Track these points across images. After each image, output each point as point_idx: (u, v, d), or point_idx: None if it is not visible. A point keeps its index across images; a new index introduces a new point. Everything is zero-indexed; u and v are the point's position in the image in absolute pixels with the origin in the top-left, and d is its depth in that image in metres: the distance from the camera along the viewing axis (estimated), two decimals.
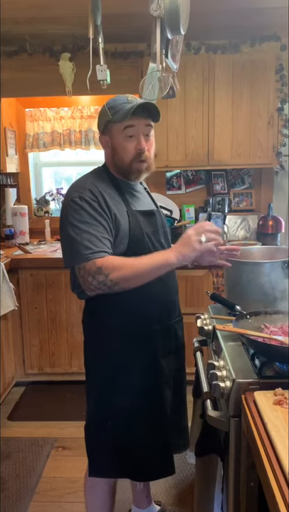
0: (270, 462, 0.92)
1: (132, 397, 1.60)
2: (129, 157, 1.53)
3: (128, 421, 1.61)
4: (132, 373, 1.59)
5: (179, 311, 1.76)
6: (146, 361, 1.60)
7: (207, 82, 3.12)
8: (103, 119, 1.56)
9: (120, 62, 3.16)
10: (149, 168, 1.58)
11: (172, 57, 2.02)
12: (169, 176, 3.59)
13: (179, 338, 1.75)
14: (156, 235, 1.61)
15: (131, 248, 1.52)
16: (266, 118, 3.15)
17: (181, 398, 1.78)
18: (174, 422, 1.73)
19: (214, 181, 3.55)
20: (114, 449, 1.64)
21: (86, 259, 1.42)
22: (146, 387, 1.61)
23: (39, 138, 3.65)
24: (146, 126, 1.53)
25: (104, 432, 1.64)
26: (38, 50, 3.16)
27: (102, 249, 1.43)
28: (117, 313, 1.57)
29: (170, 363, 1.68)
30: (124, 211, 1.54)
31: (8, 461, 2.48)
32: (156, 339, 1.62)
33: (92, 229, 1.44)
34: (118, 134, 1.52)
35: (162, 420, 1.65)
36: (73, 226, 1.46)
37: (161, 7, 1.80)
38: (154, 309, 1.60)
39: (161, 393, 1.64)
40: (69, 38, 3.05)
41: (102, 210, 1.47)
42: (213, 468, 1.42)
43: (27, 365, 3.24)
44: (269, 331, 1.41)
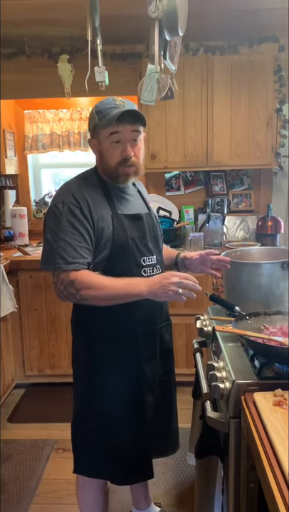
0: (270, 463, 0.92)
1: (112, 399, 1.60)
2: (115, 162, 1.53)
3: (107, 423, 1.62)
4: (113, 376, 1.60)
5: (167, 316, 1.76)
6: (127, 365, 1.61)
7: (206, 84, 3.13)
8: (91, 122, 1.57)
9: (119, 64, 3.17)
10: (137, 172, 1.57)
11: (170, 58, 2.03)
12: (168, 177, 3.59)
13: (166, 343, 1.74)
14: (142, 240, 1.60)
15: (115, 252, 1.52)
16: (265, 119, 3.15)
17: (170, 402, 1.79)
18: (162, 426, 1.74)
19: (213, 182, 3.55)
20: (94, 451, 1.66)
21: (58, 269, 1.46)
22: (127, 391, 1.61)
23: (38, 139, 3.65)
24: (132, 132, 1.52)
25: (86, 432, 1.66)
26: (37, 52, 3.17)
27: (76, 260, 1.45)
28: (99, 315, 1.57)
29: (155, 368, 1.68)
30: (108, 215, 1.53)
31: (8, 463, 2.48)
32: (138, 343, 1.61)
33: (69, 237, 1.46)
34: (105, 139, 1.53)
35: (141, 424, 1.65)
36: (52, 232, 1.49)
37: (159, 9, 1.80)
38: (137, 313, 1.59)
39: (141, 397, 1.63)
40: (67, 40, 3.06)
41: (84, 217, 1.48)
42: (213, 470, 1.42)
43: (27, 366, 3.24)
44: (268, 331, 1.41)
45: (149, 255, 1.60)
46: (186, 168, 3.41)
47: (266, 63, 3.09)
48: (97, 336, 1.61)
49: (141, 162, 1.58)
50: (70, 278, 1.44)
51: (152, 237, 1.64)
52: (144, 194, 1.76)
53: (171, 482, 2.28)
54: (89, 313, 1.60)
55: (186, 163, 3.26)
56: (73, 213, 1.48)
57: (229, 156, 3.22)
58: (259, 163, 3.25)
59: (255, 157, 3.21)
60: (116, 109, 1.49)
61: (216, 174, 3.55)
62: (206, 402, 1.38)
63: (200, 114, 3.17)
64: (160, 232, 1.72)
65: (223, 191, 3.56)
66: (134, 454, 1.66)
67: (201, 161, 3.23)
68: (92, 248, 1.50)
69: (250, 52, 3.13)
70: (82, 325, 1.67)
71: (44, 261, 1.52)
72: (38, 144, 3.65)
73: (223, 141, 3.20)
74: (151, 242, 1.63)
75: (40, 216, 3.81)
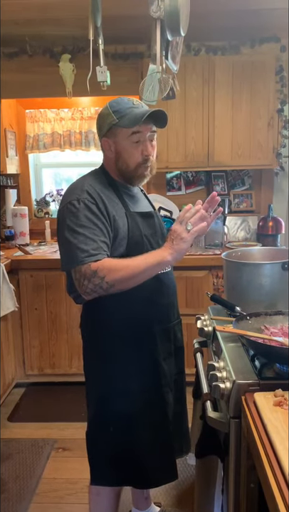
0: (270, 463, 0.92)
1: (133, 401, 1.58)
2: (135, 162, 1.53)
3: (130, 426, 1.59)
4: (133, 377, 1.58)
5: (178, 313, 1.76)
6: (147, 364, 1.60)
7: (207, 84, 3.13)
8: (106, 121, 1.54)
9: (120, 64, 3.17)
10: (151, 172, 1.59)
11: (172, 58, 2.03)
12: (169, 177, 3.59)
13: (178, 341, 1.74)
14: (154, 237, 1.61)
15: (130, 250, 1.52)
16: (266, 119, 3.15)
17: (182, 402, 1.78)
18: (176, 426, 1.72)
19: (214, 182, 3.55)
20: (116, 457, 1.62)
21: (81, 263, 1.42)
22: (148, 391, 1.60)
23: (39, 139, 3.65)
24: (151, 132, 1.54)
25: (106, 439, 1.62)
26: (39, 52, 3.17)
27: (98, 251, 1.43)
28: (116, 315, 1.55)
29: (171, 366, 1.67)
30: (122, 213, 1.54)
31: (8, 462, 2.48)
32: (156, 341, 1.61)
33: (89, 232, 1.44)
34: (124, 139, 1.52)
35: (165, 425, 1.64)
36: (70, 229, 1.46)
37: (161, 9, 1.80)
38: (153, 311, 1.60)
39: (163, 397, 1.63)
40: (69, 40, 3.06)
41: (100, 213, 1.47)
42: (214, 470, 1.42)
43: (27, 366, 3.24)
44: (269, 332, 1.41)
45: None
46: (187, 168, 3.41)
47: (267, 63, 3.09)
48: (113, 337, 1.58)
49: (155, 162, 1.60)
50: (92, 268, 1.41)
51: (161, 235, 1.66)
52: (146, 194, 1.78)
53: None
54: (104, 313, 1.57)
55: (187, 163, 3.26)
56: (90, 209, 1.46)
57: (230, 156, 3.22)
58: (260, 163, 3.25)
59: (257, 157, 3.21)
60: (137, 109, 1.50)
61: (217, 174, 3.55)
62: (206, 402, 1.38)
63: (201, 114, 3.17)
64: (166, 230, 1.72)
65: (224, 191, 3.56)
66: (158, 455, 1.64)
67: (202, 161, 3.23)
68: (110, 243, 1.49)
69: (251, 53, 3.13)
70: (96, 326, 1.63)
71: (66, 260, 1.49)
72: (39, 143, 3.65)
73: (225, 141, 3.20)
74: (161, 239, 1.63)
75: (40, 215, 3.81)
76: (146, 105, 1.58)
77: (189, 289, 3.06)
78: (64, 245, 1.49)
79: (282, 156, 3.21)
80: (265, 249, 2.08)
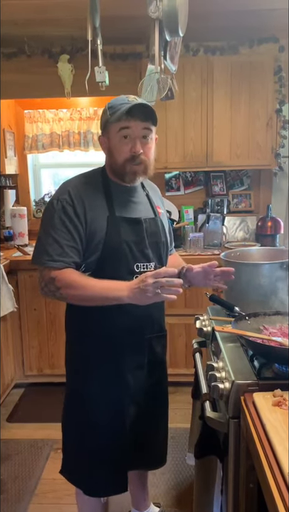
0: (269, 464, 0.92)
1: (91, 406, 1.59)
2: (123, 158, 1.49)
3: (86, 430, 1.60)
4: (94, 382, 1.58)
5: (161, 327, 1.70)
6: (110, 372, 1.57)
7: (206, 84, 3.13)
8: (103, 119, 1.55)
9: (119, 64, 3.17)
10: (146, 171, 1.53)
11: (171, 58, 2.03)
12: (167, 178, 3.59)
13: (156, 354, 1.68)
14: (139, 245, 1.53)
15: (106, 255, 1.48)
16: (265, 119, 3.16)
17: (157, 415, 1.74)
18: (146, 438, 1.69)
19: (213, 182, 3.56)
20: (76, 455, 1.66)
21: (43, 265, 1.45)
22: (107, 399, 1.57)
23: (38, 139, 3.65)
24: (143, 129, 1.49)
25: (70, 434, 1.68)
26: (37, 52, 3.17)
27: (61, 258, 1.43)
28: (88, 319, 1.56)
29: (140, 379, 1.63)
30: (104, 217, 1.49)
31: (7, 463, 2.48)
32: (123, 352, 1.57)
33: (58, 235, 1.44)
34: (114, 135, 1.50)
35: (119, 435, 1.60)
36: (43, 228, 1.49)
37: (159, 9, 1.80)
38: (123, 321, 1.54)
39: (121, 407, 1.59)
40: (68, 40, 3.06)
41: (76, 216, 1.46)
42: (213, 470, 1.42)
43: (26, 366, 3.24)
44: (268, 332, 1.42)
45: (144, 262, 1.54)
46: (185, 169, 3.41)
47: (266, 64, 3.09)
48: (84, 340, 1.60)
49: (150, 162, 1.54)
50: (51, 275, 1.42)
51: (152, 244, 1.58)
52: (152, 199, 1.69)
53: (171, 482, 2.28)
54: (79, 315, 1.58)
55: (185, 164, 3.26)
56: (65, 211, 1.46)
57: (229, 157, 3.22)
58: (259, 163, 3.25)
59: (255, 157, 3.21)
60: (128, 104, 1.46)
61: (216, 174, 3.55)
62: (205, 402, 1.38)
63: (200, 114, 3.17)
64: (165, 239, 1.65)
65: (223, 191, 3.56)
66: (109, 465, 1.61)
67: (201, 161, 3.23)
68: (82, 248, 1.47)
69: (250, 53, 3.13)
70: (71, 326, 1.66)
71: (33, 256, 1.51)
72: (37, 143, 3.65)
73: (223, 142, 3.20)
74: (150, 248, 1.56)
75: (39, 216, 3.81)
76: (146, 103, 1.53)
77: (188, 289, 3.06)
78: (36, 241, 1.52)
79: (281, 156, 3.21)
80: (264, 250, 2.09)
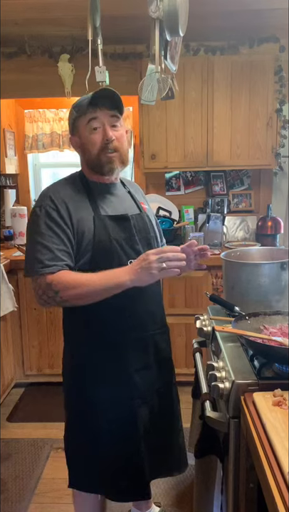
0: (269, 463, 0.92)
1: (101, 412, 1.54)
2: (97, 149, 1.48)
3: (99, 437, 1.56)
4: (102, 387, 1.54)
5: (163, 323, 1.68)
6: (117, 375, 1.54)
7: (206, 84, 3.13)
8: (70, 118, 1.54)
9: (119, 64, 3.17)
10: (122, 160, 1.52)
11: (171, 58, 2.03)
12: (168, 177, 3.59)
13: (161, 351, 1.65)
14: (129, 241, 1.52)
15: (98, 255, 1.46)
16: (265, 119, 3.16)
17: (171, 416, 1.70)
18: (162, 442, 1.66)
19: (213, 182, 3.56)
20: (88, 464, 1.60)
21: (37, 273, 1.40)
22: (117, 403, 1.54)
23: (38, 139, 3.65)
24: (111, 117, 1.49)
25: (79, 445, 1.61)
26: (37, 52, 3.17)
27: (54, 262, 1.40)
28: (85, 321, 1.52)
29: (149, 378, 1.60)
30: (90, 217, 1.48)
31: (7, 462, 2.48)
32: (127, 351, 1.55)
33: (47, 240, 1.41)
34: (84, 129, 1.49)
35: (134, 440, 1.56)
36: (30, 237, 1.46)
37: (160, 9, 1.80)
38: (125, 320, 1.52)
39: (133, 410, 1.55)
40: (68, 40, 3.06)
41: (61, 219, 1.43)
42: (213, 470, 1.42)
43: (26, 366, 3.24)
44: (268, 331, 1.42)
45: (137, 257, 1.47)
46: (186, 168, 3.41)
47: (266, 63, 3.09)
48: (85, 344, 1.56)
49: (124, 150, 1.52)
50: (47, 281, 1.38)
51: (143, 239, 1.57)
52: (135, 195, 1.68)
53: (171, 482, 2.28)
54: (76, 319, 1.55)
55: (186, 163, 3.26)
56: (50, 216, 1.43)
57: (229, 156, 3.22)
58: (259, 163, 3.25)
59: (255, 157, 3.21)
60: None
61: (216, 174, 3.55)
62: (205, 401, 1.38)
63: (200, 114, 3.17)
64: (155, 234, 1.64)
65: (223, 191, 3.56)
66: (127, 472, 1.58)
67: (201, 161, 3.23)
68: (73, 251, 1.45)
69: (250, 53, 3.13)
70: (71, 331, 1.62)
71: (25, 268, 1.47)
72: (38, 143, 3.65)
73: (223, 142, 3.20)
74: (141, 244, 1.55)
75: None
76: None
77: (188, 288, 3.06)
78: (26, 252, 1.48)
79: (281, 156, 3.21)
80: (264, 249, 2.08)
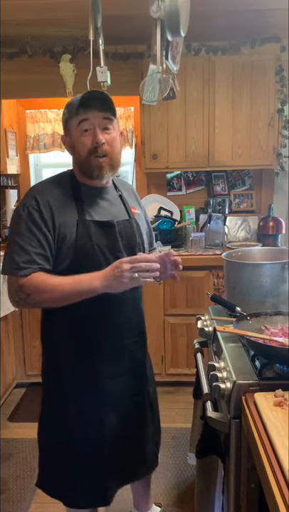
0: (271, 464, 0.92)
1: (68, 416, 1.54)
2: (86, 151, 1.45)
3: (64, 441, 1.56)
4: (71, 392, 1.54)
5: (140, 332, 1.65)
6: (87, 381, 1.53)
7: (207, 84, 3.13)
8: (63, 119, 1.52)
9: (120, 64, 3.17)
10: (112, 164, 1.48)
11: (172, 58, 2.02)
12: (169, 177, 3.59)
13: (137, 360, 1.64)
14: (112, 249, 1.48)
15: (78, 261, 1.43)
16: (266, 119, 3.15)
17: (142, 423, 1.68)
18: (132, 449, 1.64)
19: (215, 182, 3.56)
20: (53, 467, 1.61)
21: (11, 274, 1.40)
22: (84, 409, 1.53)
23: (40, 139, 3.65)
24: (103, 120, 1.45)
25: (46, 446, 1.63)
26: (39, 52, 3.17)
27: (28, 265, 1.38)
28: (60, 326, 1.53)
29: (121, 387, 1.57)
30: (73, 221, 1.44)
31: (8, 462, 2.48)
32: (99, 358, 1.53)
33: (25, 242, 1.39)
34: (74, 130, 1.47)
35: (98, 446, 1.55)
36: (10, 236, 1.45)
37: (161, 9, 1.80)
38: (100, 327, 1.51)
39: (100, 417, 1.54)
40: (69, 40, 3.06)
41: (42, 221, 1.41)
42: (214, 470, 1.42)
43: (27, 366, 3.25)
44: (269, 332, 1.42)
45: None
46: (187, 169, 3.41)
47: (268, 64, 3.09)
48: (59, 349, 1.56)
49: (116, 154, 1.49)
50: (19, 283, 1.37)
51: (127, 247, 1.52)
52: (127, 199, 1.64)
53: (172, 482, 2.28)
54: (52, 323, 1.56)
55: (187, 164, 3.26)
56: (32, 217, 1.41)
57: (230, 157, 3.22)
58: (260, 163, 3.25)
59: (257, 157, 3.21)
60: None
61: (218, 174, 3.55)
62: (206, 402, 1.38)
63: (201, 114, 3.17)
64: (141, 241, 1.60)
65: (225, 191, 3.56)
66: (88, 477, 1.56)
67: (203, 161, 3.23)
68: (52, 255, 1.42)
69: (251, 53, 3.13)
70: (47, 337, 1.63)
71: (3, 266, 1.45)
72: (39, 143, 3.65)
73: (225, 142, 3.20)
74: (125, 251, 1.50)
75: None
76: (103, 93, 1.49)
77: (190, 289, 3.06)
78: (5, 250, 1.47)
79: (283, 156, 3.21)
80: (266, 250, 2.08)
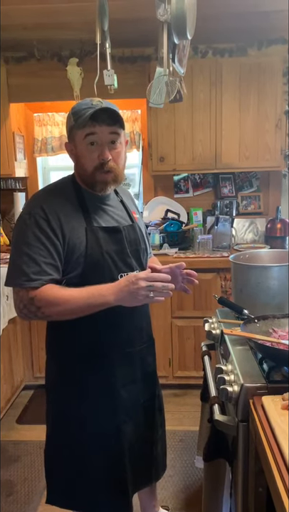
0: (278, 467, 0.91)
1: (85, 428, 1.51)
2: (91, 166, 1.43)
3: (82, 453, 1.53)
4: (86, 403, 1.51)
5: (149, 336, 1.66)
6: (102, 391, 1.51)
7: (214, 86, 3.13)
8: (68, 124, 1.47)
9: (127, 67, 3.18)
10: (116, 179, 1.47)
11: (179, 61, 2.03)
12: (176, 180, 3.59)
13: (147, 366, 1.64)
14: (120, 254, 1.48)
15: (89, 269, 1.41)
16: (274, 121, 3.15)
17: (152, 428, 1.68)
18: (144, 454, 1.64)
19: (222, 184, 3.55)
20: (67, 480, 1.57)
21: (20, 286, 1.35)
22: (102, 419, 1.51)
23: (47, 142, 3.66)
24: (110, 134, 1.42)
25: (60, 462, 1.58)
26: (46, 56, 3.19)
27: (39, 276, 1.34)
28: (73, 338, 1.49)
29: (134, 393, 1.58)
30: (82, 229, 1.42)
31: (16, 464, 2.49)
32: (114, 366, 1.51)
33: (34, 252, 1.35)
34: (80, 142, 1.43)
35: (118, 456, 1.54)
36: (16, 246, 1.39)
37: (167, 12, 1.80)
38: (112, 335, 1.49)
39: (118, 427, 1.53)
40: (77, 44, 3.08)
41: (51, 230, 1.37)
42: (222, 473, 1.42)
43: (35, 368, 3.25)
44: (277, 335, 1.41)
45: (128, 271, 1.48)
46: (194, 171, 3.41)
47: (275, 65, 3.08)
48: (69, 359, 1.52)
49: (121, 168, 1.48)
50: (30, 295, 1.33)
51: (133, 252, 1.53)
52: (127, 204, 1.64)
53: (179, 485, 2.28)
54: (61, 334, 1.52)
55: (194, 166, 3.26)
56: (40, 226, 1.37)
57: (238, 159, 3.21)
58: (268, 165, 3.24)
59: (264, 159, 3.20)
60: (92, 109, 1.39)
61: (225, 176, 3.54)
62: (214, 405, 1.38)
63: (208, 116, 3.17)
64: (144, 246, 1.60)
65: (232, 193, 3.55)
66: (111, 487, 1.55)
67: (210, 163, 3.22)
68: (61, 265, 1.39)
69: (258, 55, 3.13)
70: (54, 346, 1.59)
71: (7, 277, 1.40)
72: (47, 146, 3.67)
73: (232, 144, 3.19)
74: (132, 256, 1.51)
75: None
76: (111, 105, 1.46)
77: (197, 291, 3.06)
78: (10, 260, 1.42)
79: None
80: (274, 252, 2.07)
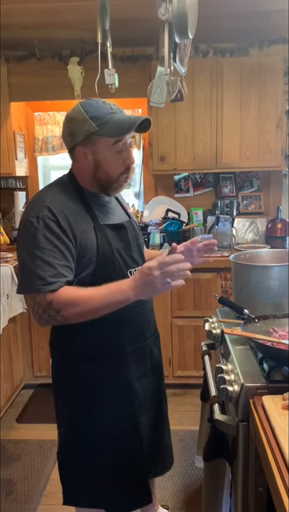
0: (279, 467, 0.91)
1: (104, 425, 1.52)
2: (118, 172, 1.44)
3: (102, 450, 1.54)
4: (103, 400, 1.51)
5: (155, 329, 1.68)
6: (118, 387, 1.51)
7: (215, 85, 3.12)
8: (82, 128, 1.39)
9: (128, 66, 3.17)
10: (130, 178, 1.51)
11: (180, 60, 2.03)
12: (177, 179, 3.59)
13: (155, 358, 1.66)
14: (127, 250, 1.49)
15: (101, 267, 1.41)
16: (275, 121, 3.14)
17: (160, 419, 1.71)
18: (156, 444, 1.67)
19: (222, 184, 3.55)
20: (88, 479, 1.58)
21: (37, 291, 1.31)
22: (120, 414, 1.52)
23: (48, 141, 3.66)
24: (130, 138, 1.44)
25: (77, 462, 1.58)
26: (47, 55, 3.19)
27: (56, 279, 1.31)
28: (84, 337, 1.47)
29: (146, 386, 1.60)
30: (91, 228, 1.41)
31: (16, 463, 2.49)
32: (128, 362, 1.52)
33: (48, 255, 1.31)
34: (106, 149, 1.40)
35: (138, 447, 1.57)
36: (27, 250, 1.34)
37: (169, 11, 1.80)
38: (125, 331, 1.50)
39: (135, 419, 1.55)
40: (77, 43, 3.07)
41: (62, 232, 1.34)
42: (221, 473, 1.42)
43: (35, 367, 3.26)
44: (277, 334, 1.41)
45: (135, 266, 1.50)
46: (195, 170, 3.41)
47: (276, 65, 3.08)
48: (82, 359, 1.50)
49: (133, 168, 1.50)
50: (48, 299, 1.30)
51: (136, 246, 1.55)
52: (121, 201, 1.65)
53: (179, 485, 2.28)
54: (71, 334, 1.49)
55: (195, 165, 3.25)
56: (50, 228, 1.33)
57: (238, 158, 3.21)
58: (268, 165, 3.24)
59: (265, 159, 3.20)
60: (116, 115, 1.39)
61: (225, 176, 3.54)
62: (214, 404, 1.38)
63: (209, 116, 3.17)
64: (142, 240, 1.64)
65: (233, 193, 3.55)
66: (132, 479, 1.58)
67: (210, 162, 3.22)
68: (74, 265, 1.37)
69: (259, 54, 3.12)
70: (64, 347, 1.57)
71: (21, 284, 1.38)
72: (47, 145, 3.67)
73: (233, 143, 3.19)
74: (135, 251, 1.53)
75: None
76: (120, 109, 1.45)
77: (197, 291, 3.06)
78: (20, 267, 1.38)
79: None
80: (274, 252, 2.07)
